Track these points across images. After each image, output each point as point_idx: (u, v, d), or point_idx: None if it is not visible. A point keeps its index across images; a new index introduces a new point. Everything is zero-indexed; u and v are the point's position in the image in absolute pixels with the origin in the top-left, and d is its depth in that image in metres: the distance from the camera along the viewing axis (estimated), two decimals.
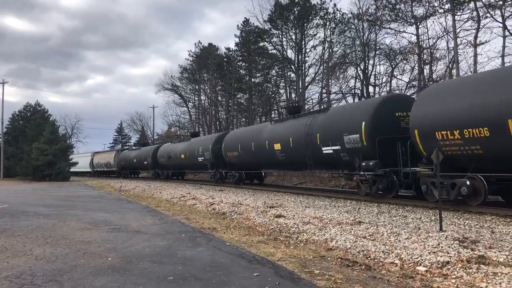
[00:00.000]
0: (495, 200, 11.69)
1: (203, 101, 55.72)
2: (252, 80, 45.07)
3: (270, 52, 41.46)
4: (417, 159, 12.28)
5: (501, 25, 21.11)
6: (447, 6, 24.45)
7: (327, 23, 36.10)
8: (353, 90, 33.63)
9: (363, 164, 13.59)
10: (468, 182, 10.14)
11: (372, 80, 31.81)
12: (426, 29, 27.52)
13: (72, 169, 58.82)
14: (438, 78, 25.71)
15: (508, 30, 20.91)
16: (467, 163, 10.32)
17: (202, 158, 28.03)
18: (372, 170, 13.22)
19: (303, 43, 37.69)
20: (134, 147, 52.71)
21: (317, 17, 36.58)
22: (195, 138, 32.70)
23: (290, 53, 39.43)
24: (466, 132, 9.93)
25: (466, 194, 10.21)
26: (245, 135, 22.93)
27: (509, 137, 9.02)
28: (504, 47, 20.84)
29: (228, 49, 48.53)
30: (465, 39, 23.81)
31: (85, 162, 58.54)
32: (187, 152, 30.60)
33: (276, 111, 42.19)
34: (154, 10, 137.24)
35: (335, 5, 38.38)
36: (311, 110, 35.20)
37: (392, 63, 29.70)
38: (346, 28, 34.53)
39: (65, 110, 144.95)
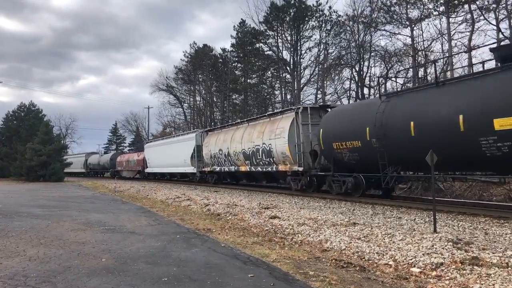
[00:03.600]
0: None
1: (198, 102, 55.73)
2: (248, 81, 45.08)
3: (266, 53, 41.52)
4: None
5: (495, 27, 21.29)
6: (441, 9, 24.62)
7: (323, 25, 36.25)
8: (348, 92, 33.77)
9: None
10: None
11: (367, 81, 31.97)
12: (421, 31, 27.73)
13: (148, 170, 36.97)
14: (432, 80, 25.81)
15: (502, 33, 21.09)
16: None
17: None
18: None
19: (298, 44, 37.80)
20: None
21: (313, 19, 36.72)
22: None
23: (286, 54, 39.60)
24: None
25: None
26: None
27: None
28: None
29: (223, 50, 48.61)
30: (460, 41, 24.02)
31: (181, 153, 29.16)
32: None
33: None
34: (144, 11, 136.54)
35: (330, 7, 38.54)
36: None
37: (387, 65, 29.84)
38: (341, 30, 34.67)
39: (59, 111, 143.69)
